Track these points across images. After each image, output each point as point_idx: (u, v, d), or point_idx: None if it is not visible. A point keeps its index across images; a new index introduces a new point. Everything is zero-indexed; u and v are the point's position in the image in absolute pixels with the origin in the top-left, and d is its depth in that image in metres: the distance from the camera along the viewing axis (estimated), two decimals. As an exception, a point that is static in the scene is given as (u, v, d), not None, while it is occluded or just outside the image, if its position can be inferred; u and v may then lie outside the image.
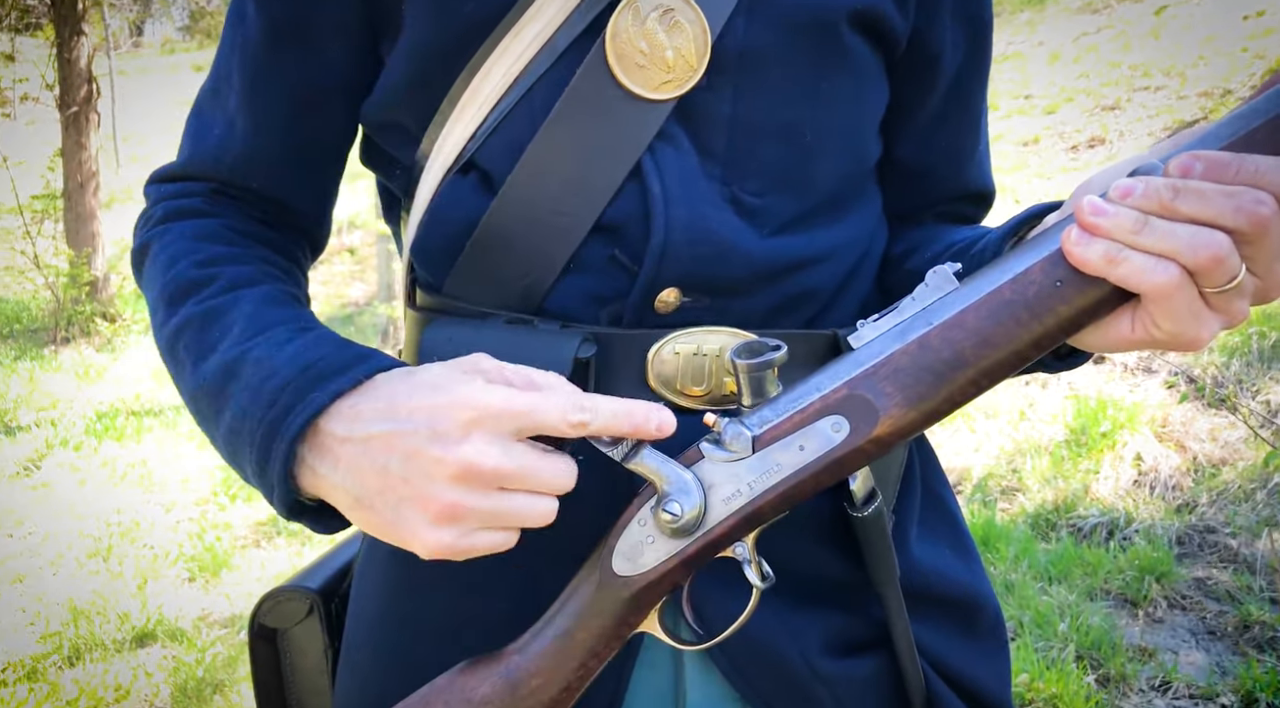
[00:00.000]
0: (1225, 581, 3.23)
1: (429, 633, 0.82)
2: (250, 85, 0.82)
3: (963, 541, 0.90)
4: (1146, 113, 9.71)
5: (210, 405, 0.73)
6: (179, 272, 0.80)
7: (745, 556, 0.68)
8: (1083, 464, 4.00)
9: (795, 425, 0.65)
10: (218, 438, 0.73)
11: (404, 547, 0.66)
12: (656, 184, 0.74)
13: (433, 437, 0.63)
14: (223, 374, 0.72)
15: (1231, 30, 10.98)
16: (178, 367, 0.77)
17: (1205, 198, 0.56)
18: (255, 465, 0.69)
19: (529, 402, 0.64)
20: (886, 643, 0.82)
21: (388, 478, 0.64)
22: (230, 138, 0.84)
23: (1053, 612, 3.07)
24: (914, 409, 0.63)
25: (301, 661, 0.95)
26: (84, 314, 7.67)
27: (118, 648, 3.31)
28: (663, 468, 0.66)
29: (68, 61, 7.70)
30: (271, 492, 0.68)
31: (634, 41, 0.73)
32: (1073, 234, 0.59)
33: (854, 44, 0.78)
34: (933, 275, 0.64)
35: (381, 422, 0.65)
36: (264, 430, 0.67)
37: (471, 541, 0.65)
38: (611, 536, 0.69)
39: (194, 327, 0.76)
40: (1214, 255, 0.56)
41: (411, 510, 0.64)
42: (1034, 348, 0.62)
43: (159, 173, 0.89)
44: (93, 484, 4.81)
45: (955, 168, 0.92)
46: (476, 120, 0.77)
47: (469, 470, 0.62)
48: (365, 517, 0.66)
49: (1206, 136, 0.60)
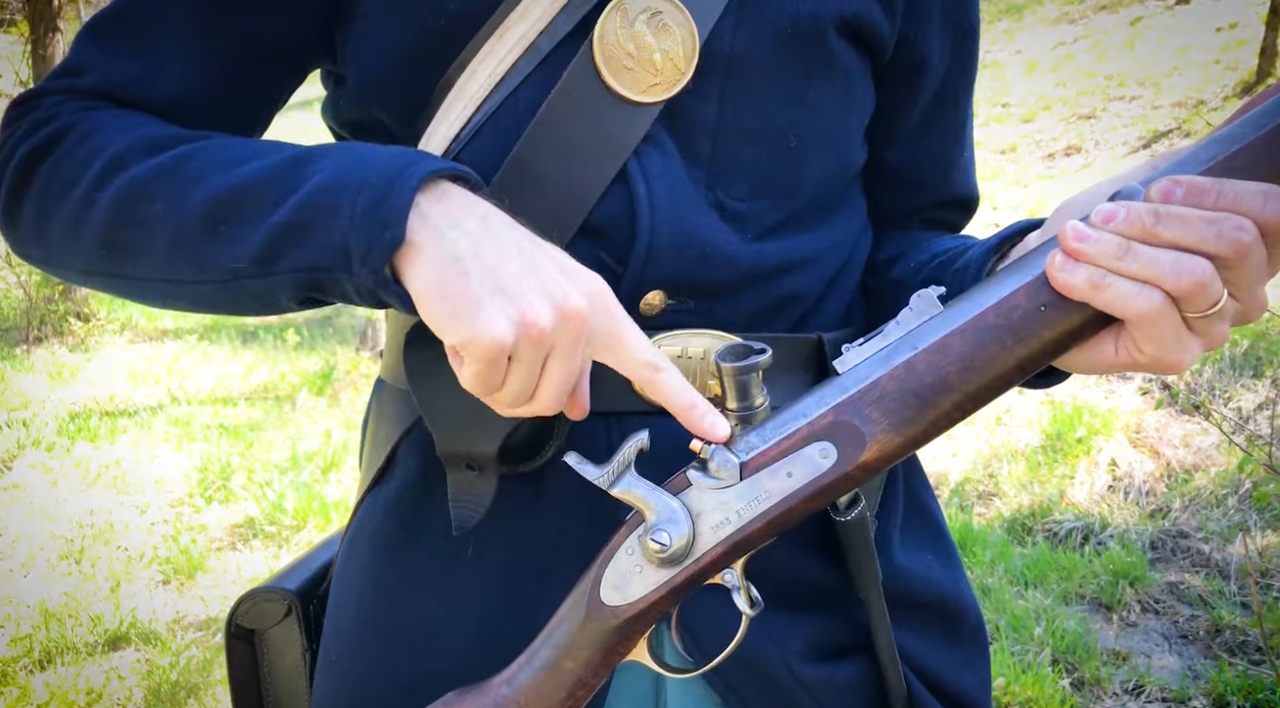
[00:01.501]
0: (1198, 585, 3.26)
1: (405, 636, 0.81)
2: (196, 29, 0.77)
3: (946, 546, 0.91)
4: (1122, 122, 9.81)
5: (264, 196, 0.66)
6: (154, 131, 0.73)
7: (734, 583, 0.68)
8: (1058, 469, 4.04)
9: (783, 452, 0.65)
10: (265, 225, 0.65)
11: (458, 323, 0.61)
12: (642, 187, 0.74)
13: (561, 271, 0.64)
14: (288, 165, 0.67)
15: (1205, 42, 11.12)
16: (181, 184, 0.68)
17: (1187, 224, 0.57)
18: (365, 207, 0.62)
19: (631, 322, 0.66)
20: (868, 648, 0.82)
21: (504, 264, 0.62)
22: (153, 78, 0.77)
23: (1029, 616, 3.09)
24: (900, 434, 0.63)
25: (279, 662, 0.94)
26: (57, 313, 7.57)
27: (90, 651, 3.27)
28: (650, 496, 0.66)
29: (42, 58, 7.61)
30: (379, 233, 0.62)
31: (622, 43, 0.73)
32: (1057, 259, 0.60)
33: (840, 50, 0.78)
34: (917, 299, 0.64)
35: (520, 231, 0.65)
36: (385, 173, 0.63)
37: (500, 364, 0.62)
38: (598, 565, 0.68)
39: (211, 150, 0.70)
40: (1197, 281, 0.57)
41: (504, 303, 0.61)
42: (1018, 372, 0.62)
43: (56, 84, 0.78)
44: (65, 485, 4.75)
45: (940, 174, 0.93)
46: (461, 120, 0.76)
47: (571, 314, 0.62)
48: (453, 280, 0.61)
49: (1185, 160, 0.61)
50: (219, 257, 0.67)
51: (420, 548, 0.81)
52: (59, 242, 0.73)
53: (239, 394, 6.16)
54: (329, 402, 5.86)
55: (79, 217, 0.71)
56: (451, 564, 0.80)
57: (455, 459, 0.75)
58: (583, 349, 0.64)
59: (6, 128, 0.77)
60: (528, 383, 0.64)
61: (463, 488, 0.75)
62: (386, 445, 0.84)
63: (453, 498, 0.75)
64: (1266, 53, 9.40)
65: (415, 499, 0.81)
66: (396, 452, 0.84)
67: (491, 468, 0.74)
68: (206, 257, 0.68)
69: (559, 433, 0.76)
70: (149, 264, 0.70)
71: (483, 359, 0.61)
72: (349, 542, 0.87)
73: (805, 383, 0.81)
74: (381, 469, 0.85)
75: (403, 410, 0.84)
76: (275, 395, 6.05)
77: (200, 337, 7.49)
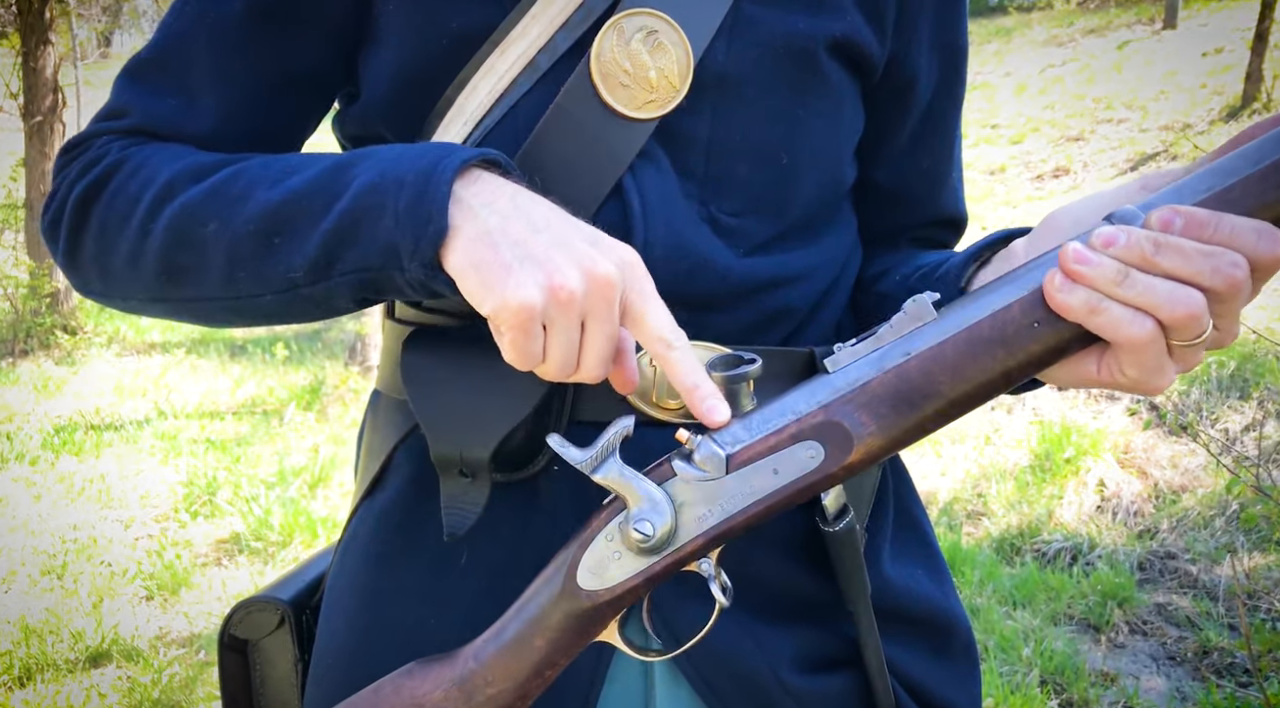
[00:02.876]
0: (1185, 606, 3.27)
1: (398, 645, 0.81)
2: (222, 65, 0.80)
3: (936, 562, 0.91)
4: (1110, 144, 9.90)
5: (311, 205, 0.69)
6: (197, 159, 0.76)
7: (710, 571, 0.68)
8: (1047, 489, 4.05)
9: (770, 448, 0.65)
10: (316, 234, 0.68)
11: (489, 291, 0.63)
12: (637, 201, 0.76)
13: (588, 240, 0.65)
14: (329, 174, 0.70)
15: (1191, 66, 11.26)
16: (229, 204, 0.71)
17: (1185, 256, 0.59)
18: (407, 203, 0.65)
19: (656, 297, 0.67)
20: (857, 661, 0.82)
21: (532, 235, 0.65)
22: (190, 114, 0.81)
23: (1017, 636, 3.09)
24: (886, 437, 0.65)
25: (271, 672, 0.94)
26: (44, 326, 7.54)
27: (70, 668, 3.23)
28: (634, 484, 0.66)
29: (33, 71, 7.60)
30: (424, 227, 0.65)
31: (618, 61, 0.74)
32: (1056, 279, 0.61)
33: (831, 70, 0.79)
34: (911, 304, 0.65)
35: (549, 206, 0.67)
36: (421, 169, 0.66)
37: (534, 330, 0.64)
38: (577, 548, 0.68)
39: (253, 168, 0.73)
40: (1190, 313, 0.59)
41: (532, 268, 0.63)
42: (1004, 382, 0.64)
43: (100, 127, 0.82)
44: (48, 499, 4.71)
45: (930, 193, 0.94)
46: (461, 135, 0.77)
47: (601, 280, 0.64)
48: (483, 251, 0.64)
49: (1181, 188, 0.62)
50: (276, 269, 0.70)
51: (413, 556, 0.81)
52: (121, 274, 0.77)
53: (226, 408, 6.14)
54: (317, 417, 5.84)
55: (137, 248, 0.74)
56: (444, 572, 0.80)
57: (449, 465, 0.75)
58: (616, 314, 0.65)
59: (59, 174, 0.81)
60: (568, 351, 0.65)
61: (455, 495, 0.76)
62: (381, 455, 0.85)
63: (445, 504, 0.76)
64: (1252, 78, 9.51)
65: (409, 507, 0.82)
66: (391, 461, 0.84)
67: (484, 475, 0.75)
68: (263, 270, 0.71)
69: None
70: (209, 284, 0.73)
71: (516, 325, 0.63)
72: (342, 551, 0.87)
73: None
74: (376, 478, 0.85)
75: (398, 420, 0.84)
76: (263, 410, 6.02)
77: (188, 350, 7.47)
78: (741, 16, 0.76)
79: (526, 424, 0.74)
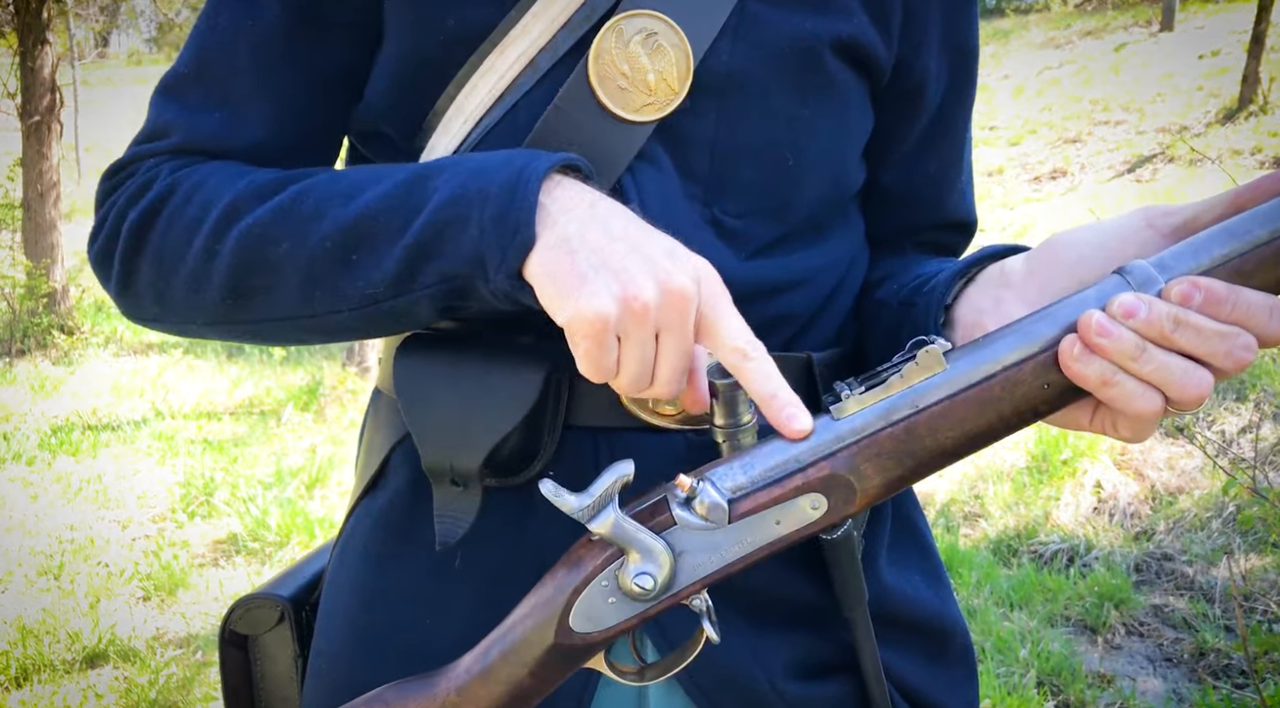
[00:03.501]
0: (1182, 608, 3.27)
1: (394, 645, 0.81)
2: (266, 73, 0.79)
3: (934, 567, 0.90)
4: (1107, 146, 9.91)
5: (390, 220, 0.69)
6: (257, 177, 0.75)
7: (703, 607, 0.68)
8: (1044, 491, 4.05)
9: (774, 500, 0.64)
10: (398, 249, 0.68)
11: (564, 300, 0.63)
12: (636, 205, 0.75)
13: (666, 253, 0.65)
14: (405, 188, 0.69)
15: (1188, 69, 11.27)
16: (302, 222, 0.71)
17: (1203, 337, 0.60)
18: (493, 215, 0.65)
19: (731, 308, 0.66)
20: (854, 667, 0.82)
21: (610, 244, 0.64)
22: (237, 126, 0.79)
23: (1014, 638, 3.09)
24: (886, 487, 0.65)
25: (271, 668, 0.94)
26: (41, 326, 7.53)
27: (67, 669, 3.23)
28: (635, 536, 0.64)
29: (31, 70, 7.59)
30: (510, 237, 0.65)
31: (616, 64, 0.74)
32: (1075, 349, 0.62)
33: (837, 71, 0.79)
34: (924, 355, 0.64)
35: (626, 214, 0.67)
36: (506, 179, 0.66)
37: (608, 342, 0.63)
38: (569, 593, 0.66)
39: (321, 185, 0.72)
40: (1200, 394, 0.61)
41: (607, 278, 0.63)
42: (1004, 433, 0.65)
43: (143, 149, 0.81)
44: (45, 500, 4.70)
45: (937, 197, 0.93)
46: (461, 135, 0.77)
47: (675, 292, 0.63)
48: (559, 259, 0.64)
49: (1197, 247, 0.63)
50: (355, 284, 0.70)
51: (409, 557, 0.81)
52: (181, 299, 0.75)
53: (224, 409, 6.13)
54: (314, 417, 5.84)
55: (200, 271, 0.73)
56: (440, 574, 0.80)
57: (440, 474, 0.75)
58: (691, 328, 0.64)
59: (105, 199, 0.80)
60: (643, 364, 0.64)
61: (447, 503, 0.75)
62: (379, 454, 0.85)
63: (437, 513, 0.76)
64: (1248, 80, 9.52)
65: (406, 509, 0.82)
66: (389, 461, 0.84)
67: (476, 484, 0.74)
68: (341, 287, 0.70)
69: (547, 447, 0.76)
70: (283, 305, 0.73)
71: (589, 335, 0.63)
72: (340, 550, 0.87)
73: None
74: (374, 478, 0.85)
75: (396, 420, 0.84)
76: (260, 410, 6.02)
77: (185, 350, 7.46)
78: (746, 16, 0.76)
79: (519, 432, 0.74)
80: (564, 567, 0.67)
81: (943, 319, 0.76)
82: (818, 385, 0.81)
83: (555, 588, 0.67)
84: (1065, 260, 0.70)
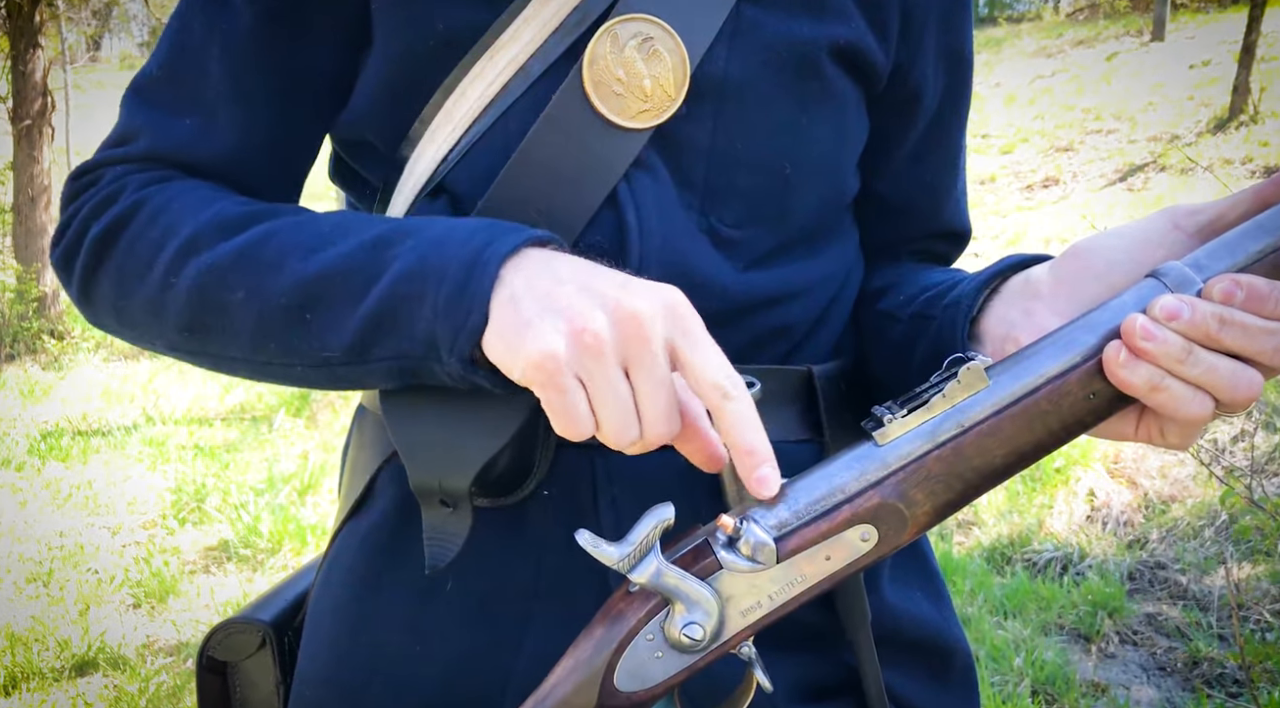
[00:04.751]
0: (1175, 617, 3.27)
1: (380, 673, 0.79)
2: (238, 77, 0.76)
3: (935, 583, 0.89)
4: (1099, 155, 9.95)
5: (347, 284, 0.66)
6: (223, 209, 0.72)
7: (752, 656, 0.65)
8: (1037, 499, 4.05)
9: (822, 535, 0.61)
10: (354, 318, 0.66)
11: (514, 354, 0.60)
12: (632, 214, 0.73)
13: (618, 285, 0.61)
14: (367, 250, 0.67)
15: (1179, 78, 11.33)
16: (261, 271, 0.68)
17: (1250, 334, 0.59)
18: (447, 296, 0.63)
19: (707, 339, 0.61)
20: (856, 688, 0.81)
21: (557, 288, 0.61)
22: (210, 130, 0.77)
23: (1008, 646, 3.09)
24: (936, 512, 0.63)
25: (252, 695, 0.90)
26: (31, 331, 7.49)
27: (56, 677, 3.20)
28: (681, 585, 0.60)
29: (22, 74, 7.57)
30: (463, 320, 0.62)
31: (611, 69, 0.72)
32: (1121, 356, 0.60)
33: (835, 77, 0.78)
34: (966, 373, 0.62)
35: (583, 262, 0.63)
36: (465, 258, 0.63)
37: (565, 384, 0.59)
38: (613, 650, 0.62)
39: (285, 232, 0.70)
40: (1251, 395, 0.60)
41: (553, 319, 0.59)
42: (1051, 448, 0.63)
43: (112, 153, 0.79)
44: (35, 506, 4.67)
45: (932, 206, 0.92)
46: (449, 142, 0.75)
47: (628, 317, 0.59)
48: (506, 315, 0.61)
49: (1232, 244, 0.62)
50: (309, 344, 0.68)
51: (397, 582, 0.79)
52: (140, 320, 0.74)
53: (215, 414, 6.10)
54: (307, 423, 5.81)
55: (158, 299, 0.72)
56: (428, 599, 0.78)
57: (428, 494, 0.71)
58: (663, 358, 0.60)
59: (69, 204, 0.78)
60: (620, 407, 0.60)
61: (436, 525, 0.72)
62: (365, 474, 0.82)
63: (427, 535, 0.72)
64: (1239, 90, 9.57)
65: (393, 531, 0.79)
66: (375, 481, 0.82)
67: (465, 505, 0.71)
68: (295, 344, 0.68)
69: (539, 466, 0.74)
70: (235, 346, 0.71)
71: (543, 381, 0.59)
72: (325, 573, 0.85)
73: (795, 415, 0.80)
74: (360, 499, 0.83)
75: (382, 439, 0.82)
76: (252, 416, 5.99)
77: (177, 356, 7.42)
78: (743, 21, 0.74)
79: (510, 450, 0.71)
80: (602, 623, 0.63)
81: (969, 334, 0.74)
82: (819, 399, 0.80)
83: (595, 646, 0.62)
84: (1094, 267, 0.69)
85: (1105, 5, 16.10)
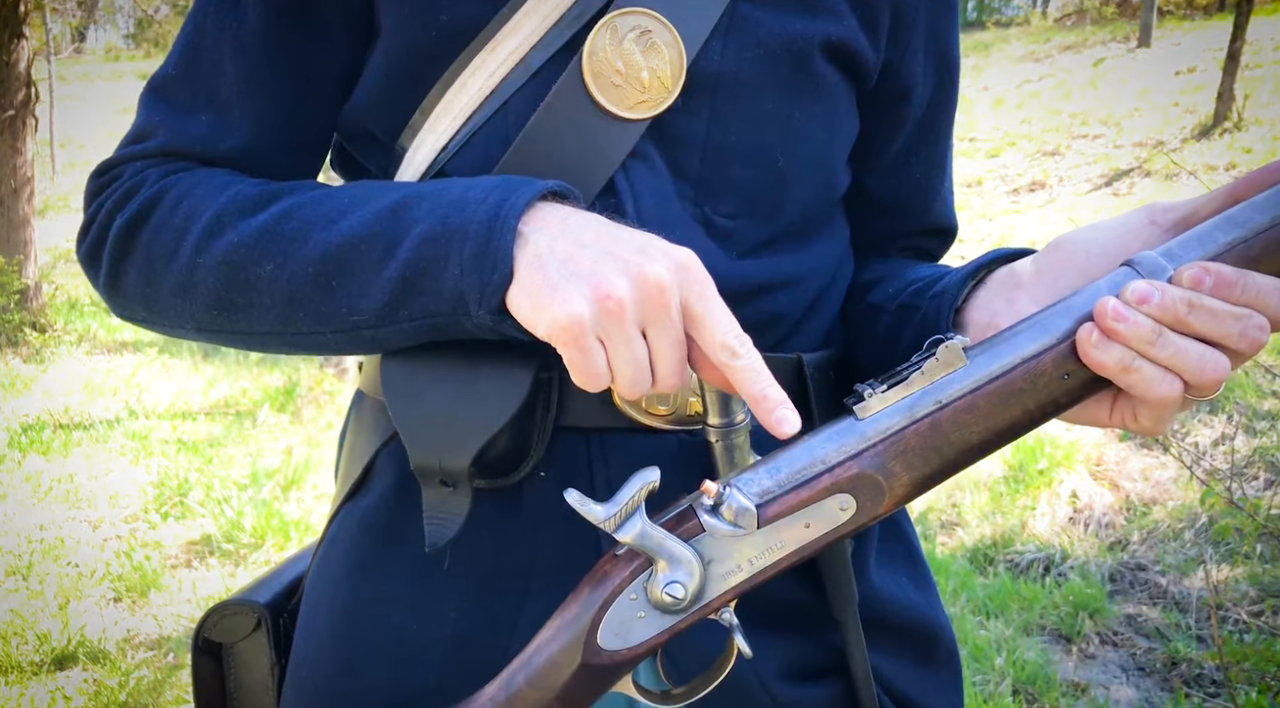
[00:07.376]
0: (1155, 618, 3.30)
1: (377, 652, 0.80)
2: (250, 74, 0.79)
3: (921, 570, 0.91)
4: (1085, 159, 10.02)
5: (372, 249, 0.69)
6: (242, 190, 0.75)
7: (732, 621, 0.67)
8: (1020, 500, 4.08)
9: (802, 502, 0.64)
10: (381, 280, 0.68)
11: (540, 313, 0.63)
12: (630, 202, 0.75)
13: (638, 249, 0.64)
14: (390, 214, 0.69)
15: (1164, 84, 11.42)
16: (286, 244, 0.71)
17: (1217, 318, 0.61)
18: (472, 254, 0.65)
19: (718, 300, 0.64)
20: (844, 669, 0.82)
21: (580, 251, 0.64)
22: (225, 127, 0.79)
23: (990, 646, 3.10)
24: (914, 485, 0.65)
25: (246, 677, 0.91)
26: (12, 323, 7.43)
27: (35, 670, 3.18)
28: (664, 545, 0.63)
29: (6, 64, 7.50)
30: (489, 275, 0.65)
31: (610, 61, 0.74)
32: (1093, 336, 0.62)
33: (826, 73, 0.79)
34: (944, 351, 0.64)
35: (599, 222, 0.66)
36: (484, 218, 0.66)
37: (588, 344, 0.62)
38: (597, 608, 0.65)
39: (305, 206, 0.72)
40: (1218, 378, 0.61)
41: (578, 283, 0.63)
42: (1027, 427, 0.65)
43: (131, 150, 0.81)
44: (14, 499, 4.63)
45: (921, 203, 0.94)
46: (449, 132, 0.76)
47: (650, 283, 0.62)
48: (533, 276, 0.64)
49: (1203, 236, 0.64)
50: (338, 310, 0.70)
51: (395, 562, 0.80)
52: (168, 305, 0.76)
53: (199, 409, 6.07)
54: (291, 418, 5.79)
55: (186, 282, 0.74)
56: (426, 579, 0.79)
57: (429, 474, 0.74)
58: (678, 319, 0.64)
59: (93, 200, 0.80)
60: (636, 365, 0.63)
61: (436, 505, 0.74)
62: (363, 458, 0.84)
63: (426, 515, 0.74)
64: (1224, 96, 9.65)
65: (391, 512, 0.80)
66: (374, 464, 0.83)
67: (465, 484, 0.73)
68: (324, 312, 0.71)
69: (537, 448, 0.76)
70: (265, 320, 0.73)
71: (568, 341, 0.62)
72: (322, 555, 0.86)
73: None
74: (358, 482, 0.84)
75: (381, 422, 0.83)
76: (236, 411, 5.96)
77: (160, 349, 7.38)
78: (738, 17, 0.76)
79: (508, 431, 0.73)
80: (589, 584, 0.66)
81: (953, 322, 0.76)
82: (808, 386, 0.81)
83: (581, 606, 0.65)
84: (1074, 258, 0.71)
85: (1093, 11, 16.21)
